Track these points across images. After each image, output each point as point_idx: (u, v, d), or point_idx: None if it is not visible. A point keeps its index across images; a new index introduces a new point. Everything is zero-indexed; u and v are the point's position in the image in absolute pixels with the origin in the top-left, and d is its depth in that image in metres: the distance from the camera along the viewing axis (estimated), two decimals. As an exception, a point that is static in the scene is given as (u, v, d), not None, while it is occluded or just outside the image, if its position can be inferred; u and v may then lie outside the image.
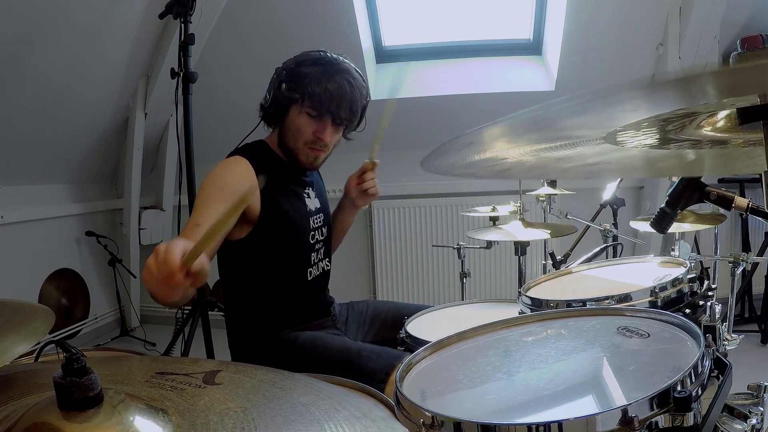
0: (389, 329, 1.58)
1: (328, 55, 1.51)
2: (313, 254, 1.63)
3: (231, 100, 3.31)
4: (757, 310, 3.22)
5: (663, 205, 1.09)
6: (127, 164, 3.58)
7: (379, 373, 1.32)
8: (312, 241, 1.62)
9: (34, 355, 1.05)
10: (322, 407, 0.61)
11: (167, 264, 0.93)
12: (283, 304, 1.59)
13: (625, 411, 0.66)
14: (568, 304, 1.21)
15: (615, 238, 2.28)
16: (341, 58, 1.52)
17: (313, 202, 1.64)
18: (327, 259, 1.71)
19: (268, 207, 1.49)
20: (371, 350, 1.41)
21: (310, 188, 1.65)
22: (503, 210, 2.30)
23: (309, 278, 1.62)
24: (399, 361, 1.33)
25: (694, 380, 0.72)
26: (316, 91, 1.44)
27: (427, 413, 0.74)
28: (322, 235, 1.66)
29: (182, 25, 2.46)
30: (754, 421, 0.83)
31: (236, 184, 1.43)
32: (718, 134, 0.79)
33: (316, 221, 1.63)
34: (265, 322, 1.57)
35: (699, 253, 3.23)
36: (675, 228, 1.85)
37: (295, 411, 0.60)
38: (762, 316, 3.14)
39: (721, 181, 3.30)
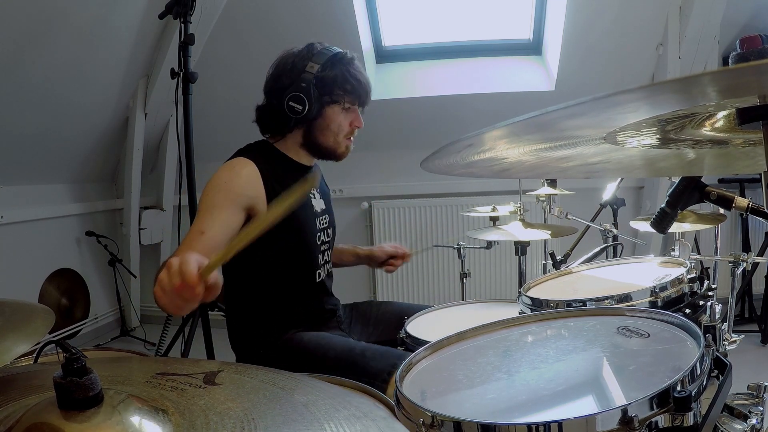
0: (393, 330, 1.58)
1: (332, 49, 1.55)
2: (319, 255, 1.62)
3: (231, 100, 3.31)
4: (757, 310, 3.22)
5: (663, 205, 1.09)
6: (127, 164, 3.58)
7: (381, 373, 1.32)
8: (318, 243, 1.61)
9: (34, 355, 1.05)
10: (322, 407, 0.61)
11: (186, 277, 0.88)
12: (293, 307, 1.58)
13: (625, 411, 0.66)
14: (568, 304, 1.21)
15: (615, 238, 2.28)
16: (336, 48, 1.58)
17: (318, 203, 1.64)
18: (330, 263, 1.71)
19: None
20: (375, 350, 1.41)
21: (315, 189, 1.65)
22: (503, 210, 2.29)
23: (318, 280, 1.62)
24: (402, 361, 1.33)
25: (694, 380, 0.72)
26: (351, 88, 1.54)
27: (427, 413, 0.74)
28: (328, 237, 1.66)
29: (182, 25, 2.45)
30: (754, 421, 0.83)
31: (243, 188, 1.41)
32: (718, 134, 0.79)
33: (321, 222, 1.63)
34: (273, 325, 1.56)
35: (699, 253, 3.23)
36: (675, 228, 1.85)
37: (296, 411, 0.60)
38: (762, 316, 3.14)
39: (721, 181, 3.30)
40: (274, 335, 1.55)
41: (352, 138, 1.61)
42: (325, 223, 1.65)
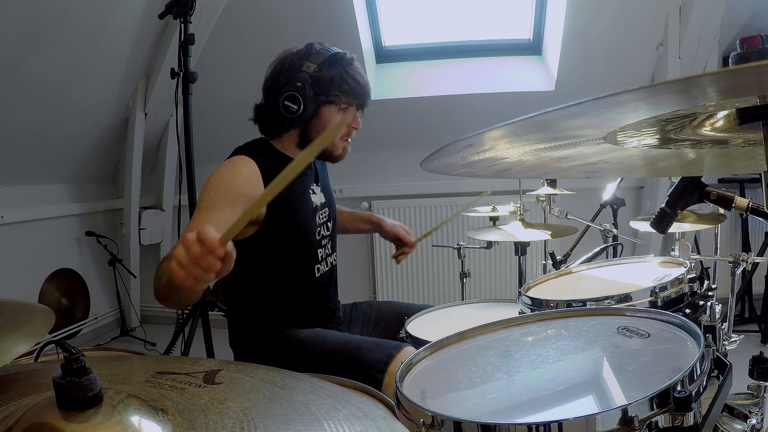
0: (393, 330, 1.59)
1: (330, 49, 1.55)
2: (320, 250, 1.63)
3: (231, 100, 3.30)
4: (757, 310, 3.22)
5: (663, 205, 1.09)
6: (127, 164, 3.58)
7: (378, 363, 1.33)
8: (318, 237, 1.61)
9: (34, 355, 1.05)
10: (322, 407, 0.61)
11: (207, 242, 0.86)
12: (292, 303, 1.59)
13: (625, 411, 0.66)
14: (568, 304, 1.21)
15: (615, 238, 2.28)
16: (336, 48, 1.57)
17: (318, 198, 1.64)
18: (334, 254, 1.71)
19: (273, 206, 1.46)
20: (371, 342, 1.43)
21: (315, 183, 1.65)
22: (503, 210, 2.30)
23: (317, 275, 1.61)
24: (398, 351, 1.34)
25: (694, 380, 0.72)
26: (348, 89, 1.53)
27: (427, 413, 0.74)
28: (328, 230, 1.66)
29: (182, 25, 2.46)
30: (754, 421, 0.83)
31: (244, 187, 1.40)
32: (718, 134, 0.79)
33: (321, 216, 1.63)
34: (272, 321, 1.57)
35: (699, 253, 3.23)
36: (675, 228, 1.85)
37: (295, 410, 0.60)
38: (762, 316, 3.14)
39: (721, 181, 3.30)
40: (273, 332, 1.55)
41: (349, 140, 1.60)
42: (325, 216, 1.65)
